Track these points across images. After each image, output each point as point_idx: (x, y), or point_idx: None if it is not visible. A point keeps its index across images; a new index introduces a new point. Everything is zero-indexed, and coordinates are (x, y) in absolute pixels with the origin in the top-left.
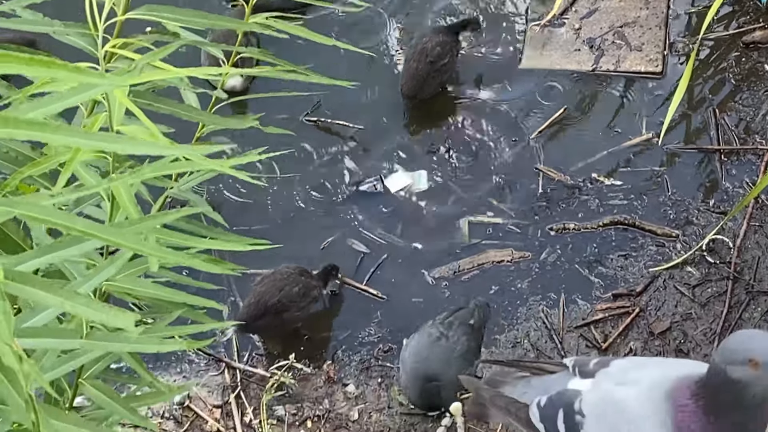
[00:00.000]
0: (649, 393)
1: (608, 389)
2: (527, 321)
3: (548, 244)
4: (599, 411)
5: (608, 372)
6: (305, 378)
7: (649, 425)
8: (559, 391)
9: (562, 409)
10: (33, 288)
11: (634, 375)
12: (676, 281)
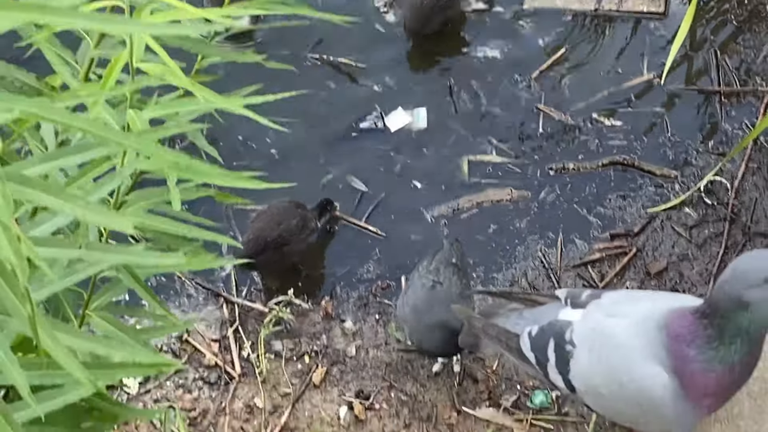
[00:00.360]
0: (639, 324)
1: (599, 320)
2: (525, 260)
3: (547, 184)
4: (590, 341)
5: (600, 303)
6: (303, 314)
7: (639, 356)
8: (550, 321)
9: (553, 338)
10: (34, 190)
11: (626, 308)
12: (673, 222)
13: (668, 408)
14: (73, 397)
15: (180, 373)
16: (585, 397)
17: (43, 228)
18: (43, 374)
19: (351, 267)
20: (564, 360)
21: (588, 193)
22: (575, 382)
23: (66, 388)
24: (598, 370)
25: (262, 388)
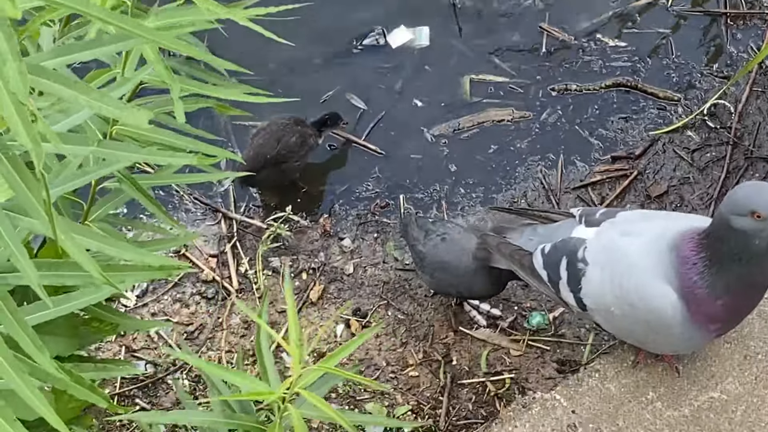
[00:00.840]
0: (652, 244)
1: (612, 238)
2: (525, 181)
3: (549, 105)
4: (602, 259)
5: (614, 222)
6: (301, 231)
7: (650, 276)
8: (563, 239)
9: (566, 256)
10: (51, 81)
11: (640, 226)
12: (675, 145)
13: (676, 328)
14: (85, 302)
15: (178, 288)
16: (596, 315)
17: (57, 127)
18: (55, 275)
19: (350, 185)
20: (576, 278)
21: (590, 114)
22: (586, 300)
23: (77, 294)
24: (610, 289)
25: (259, 303)
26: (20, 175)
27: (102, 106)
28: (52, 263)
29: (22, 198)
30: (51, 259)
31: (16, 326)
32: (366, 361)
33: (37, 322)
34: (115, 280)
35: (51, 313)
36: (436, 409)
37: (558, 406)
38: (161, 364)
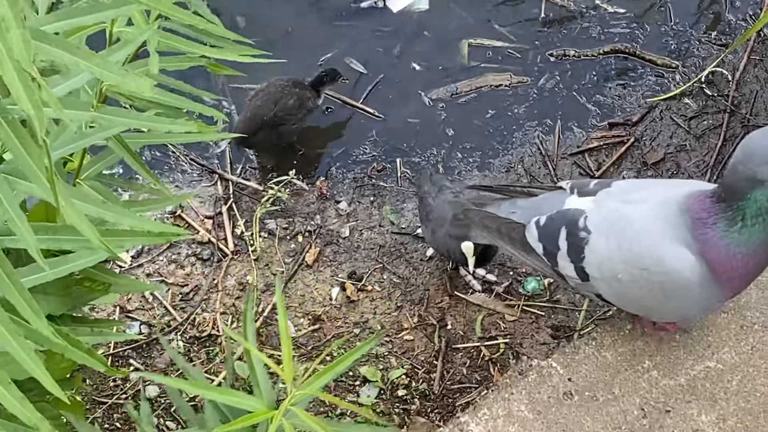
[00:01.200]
0: (659, 209)
1: (614, 207)
2: (522, 146)
3: (547, 70)
4: (606, 226)
5: (610, 192)
6: (298, 193)
7: (663, 238)
8: (559, 210)
9: (565, 226)
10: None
11: (640, 194)
12: (672, 112)
13: (695, 290)
14: (82, 264)
15: (173, 249)
16: (599, 284)
17: (55, 91)
18: (52, 239)
19: (347, 148)
20: (578, 248)
21: (588, 80)
22: (589, 269)
23: (73, 256)
24: (618, 257)
25: (254, 266)
26: (20, 140)
27: (104, 72)
28: (49, 227)
29: (21, 162)
30: (47, 222)
31: (13, 289)
32: (360, 325)
33: (32, 284)
34: (113, 244)
35: (47, 275)
36: (430, 373)
37: (554, 373)
38: (156, 324)
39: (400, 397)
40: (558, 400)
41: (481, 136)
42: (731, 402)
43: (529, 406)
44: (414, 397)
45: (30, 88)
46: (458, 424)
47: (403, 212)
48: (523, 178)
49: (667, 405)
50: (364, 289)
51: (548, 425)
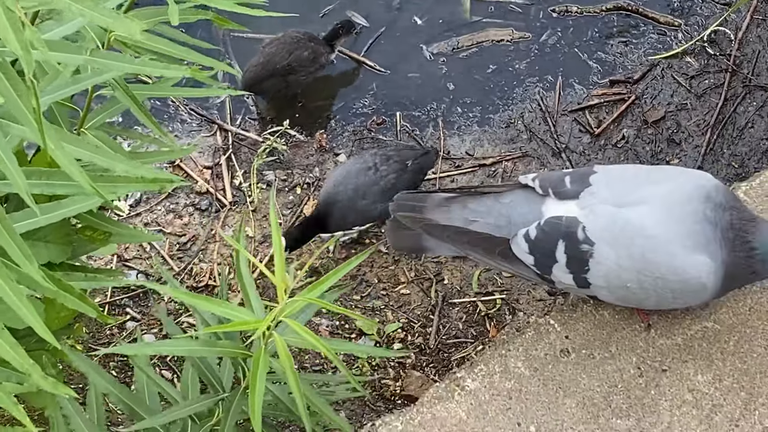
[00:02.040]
0: (672, 213)
1: (612, 213)
2: (522, 102)
3: (549, 26)
4: (611, 236)
5: (595, 193)
6: (297, 145)
7: (679, 246)
8: (549, 220)
9: (562, 239)
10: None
11: (635, 194)
12: (674, 71)
13: (708, 294)
14: (75, 210)
15: (171, 199)
16: (599, 291)
17: (49, 35)
18: (45, 184)
19: (347, 101)
20: (580, 260)
21: (590, 37)
22: (594, 279)
23: (67, 201)
24: (629, 266)
25: (252, 217)
26: (10, 82)
27: (95, 15)
28: (44, 172)
29: (11, 104)
30: (42, 168)
31: (4, 234)
32: (358, 278)
33: (26, 229)
34: (106, 190)
35: (40, 220)
36: (426, 327)
37: (552, 330)
38: (153, 274)
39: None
40: (555, 357)
41: (481, 91)
42: (728, 362)
43: (525, 362)
44: (409, 351)
45: (18, 28)
46: (454, 379)
47: None
48: (523, 134)
49: (664, 364)
50: (363, 243)
51: (544, 382)
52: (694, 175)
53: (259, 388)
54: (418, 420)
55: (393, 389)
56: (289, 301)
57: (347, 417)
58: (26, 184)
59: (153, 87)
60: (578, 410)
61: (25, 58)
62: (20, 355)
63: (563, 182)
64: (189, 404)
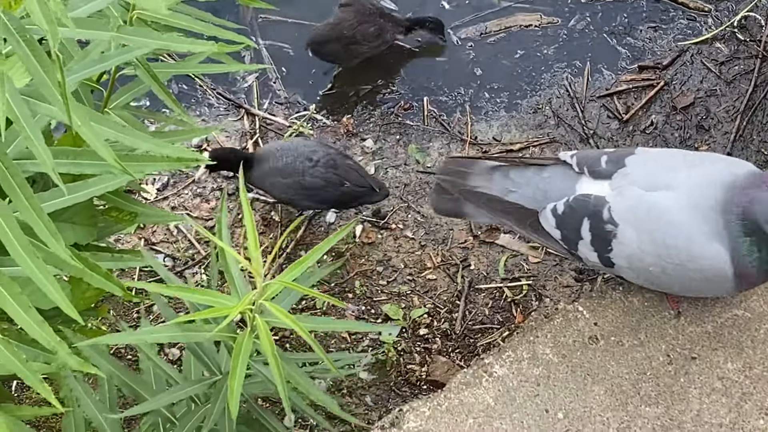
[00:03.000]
0: (692, 199)
1: (640, 196)
2: (550, 87)
3: (578, 11)
4: (634, 218)
5: (628, 174)
6: (324, 130)
7: (699, 234)
8: (577, 198)
9: (587, 217)
10: None
11: (665, 177)
12: (703, 56)
13: (728, 284)
14: (102, 189)
15: (198, 183)
16: (625, 271)
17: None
18: (72, 163)
19: (374, 86)
20: (604, 239)
21: (619, 22)
22: (617, 260)
23: (94, 181)
24: (650, 250)
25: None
26: (37, 59)
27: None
28: (71, 151)
29: (39, 82)
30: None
31: (32, 212)
32: (383, 263)
33: (54, 208)
34: (132, 169)
35: (68, 199)
36: (452, 313)
37: (580, 317)
38: (180, 258)
39: (422, 336)
40: (583, 344)
41: (509, 76)
42: (758, 350)
43: (554, 349)
44: (435, 337)
45: (44, 3)
46: (483, 365)
47: (428, 151)
48: (551, 119)
49: (693, 352)
50: (388, 227)
51: (573, 369)
52: (729, 162)
53: (240, 373)
54: (445, 406)
55: (419, 374)
56: (266, 285)
57: (372, 401)
58: (52, 160)
59: (176, 65)
60: (607, 397)
61: (51, 30)
62: (47, 332)
63: (599, 161)
64: (186, 386)
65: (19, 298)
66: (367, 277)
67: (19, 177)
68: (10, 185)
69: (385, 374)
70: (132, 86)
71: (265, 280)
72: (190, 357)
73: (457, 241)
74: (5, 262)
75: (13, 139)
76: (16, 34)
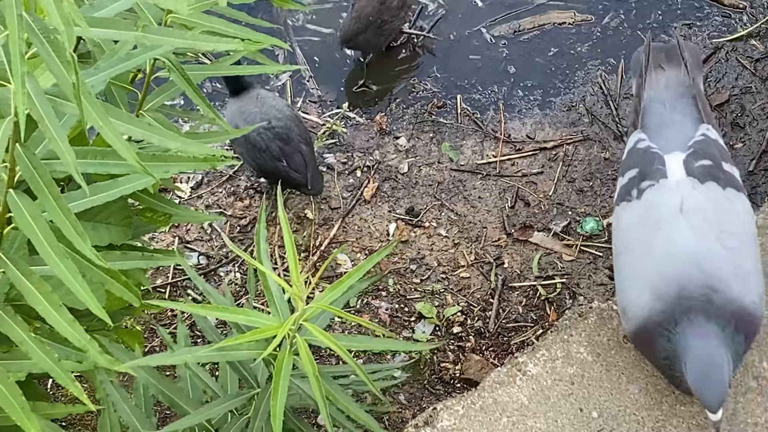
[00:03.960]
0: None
1: (671, 205)
2: (584, 85)
3: (612, 9)
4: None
5: (694, 189)
6: (357, 128)
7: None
8: (654, 153)
9: (638, 170)
10: None
11: (697, 222)
12: (738, 54)
13: (624, 320)
14: (131, 188)
15: (232, 181)
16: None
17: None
18: (99, 163)
19: (407, 84)
20: (625, 194)
21: (653, 20)
22: (615, 214)
23: (123, 180)
24: (626, 240)
25: (312, 200)
26: (60, 59)
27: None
28: (98, 151)
29: (61, 82)
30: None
31: (59, 212)
32: (417, 261)
33: (84, 208)
34: (159, 169)
35: (96, 198)
36: (486, 311)
37: (614, 316)
38: (214, 256)
39: (455, 334)
40: (618, 343)
41: (542, 74)
42: None
43: (588, 348)
44: (469, 335)
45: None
46: (516, 364)
47: (461, 149)
48: (585, 117)
49: None
50: (421, 225)
51: (607, 368)
52: (744, 280)
53: (282, 393)
54: (479, 404)
55: (452, 372)
56: (306, 308)
57: (406, 400)
58: (75, 160)
59: (210, 66)
60: (641, 396)
61: (66, 32)
62: (77, 330)
63: (700, 158)
64: (226, 400)
65: (50, 296)
66: (400, 275)
67: (46, 177)
68: (38, 185)
69: (419, 373)
70: (166, 87)
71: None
72: (226, 367)
73: (490, 239)
74: (37, 261)
75: (42, 140)
76: (40, 34)
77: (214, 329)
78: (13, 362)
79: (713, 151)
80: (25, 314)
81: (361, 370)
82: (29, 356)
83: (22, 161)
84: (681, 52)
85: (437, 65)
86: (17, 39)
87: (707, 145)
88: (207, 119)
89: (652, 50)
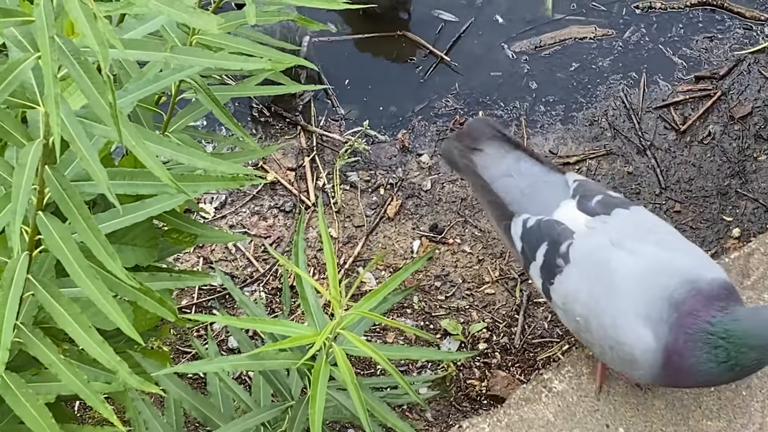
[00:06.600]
0: (646, 274)
1: (602, 245)
2: (606, 99)
3: (633, 23)
4: (585, 265)
5: (607, 223)
6: (379, 146)
7: (633, 310)
8: (548, 221)
9: (547, 243)
10: None
11: (636, 244)
12: (761, 66)
13: (639, 370)
14: (159, 209)
15: (256, 201)
16: (558, 310)
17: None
18: (128, 184)
19: (429, 101)
20: (551, 271)
21: (674, 33)
22: (554, 295)
23: (151, 201)
24: (584, 299)
25: (336, 218)
26: (92, 80)
27: (171, 10)
28: (127, 172)
29: (93, 103)
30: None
31: (89, 233)
32: (441, 278)
33: (112, 229)
34: (188, 189)
35: (125, 219)
36: (511, 327)
37: None
38: (238, 275)
39: (481, 351)
40: None
41: (564, 89)
42: None
43: None
44: (495, 351)
45: (94, 24)
46: (542, 380)
47: None
48: (607, 131)
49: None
50: (446, 242)
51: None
52: (701, 261)
53: (320, 401)
54: (505, 422)
55: (479, 389)
56: (344, 315)
57: (433, 417)
58: (108, 181)
59: (235, 88)
60: (667, 412)
61: (101, 52)
62: (107, 352)
63: (594, 194)
64: (260, 412)
65: (79, 318)
66: (425, 292)
67: (76, 198)
68: (68, 206)
69: (445, 390)
70: (191, 108)
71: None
72: (259, 380)
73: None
74: (65, 283)
75: (71, 161)
76: (71, 56)
77: (249, 341)
78: (42, 384)
79: (593, 187)
80: (53, 336)
81: (402, 379)
82: (59, 378)
83: (51, 183)
84: (475, 128)
85: (459, 81)
86: (50, 61)
87: (585, 185)
88: (231, 140)
89: (457, 143)
